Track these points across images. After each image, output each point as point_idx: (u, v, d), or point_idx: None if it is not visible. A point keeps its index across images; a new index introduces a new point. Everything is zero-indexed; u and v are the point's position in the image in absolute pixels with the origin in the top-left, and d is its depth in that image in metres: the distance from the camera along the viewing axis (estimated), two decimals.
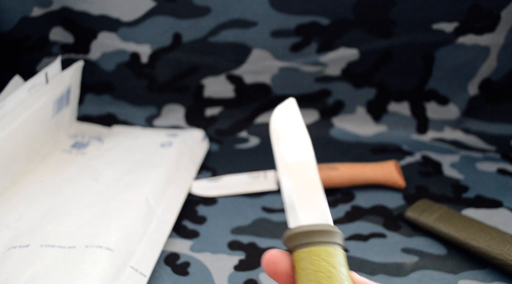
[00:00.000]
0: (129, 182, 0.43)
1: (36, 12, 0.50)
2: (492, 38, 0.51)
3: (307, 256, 0.25)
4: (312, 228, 0.25)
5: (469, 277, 0.35)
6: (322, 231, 0.25)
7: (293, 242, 0.26)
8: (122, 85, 0.57)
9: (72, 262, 0.33)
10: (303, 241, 0.25)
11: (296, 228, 0.26)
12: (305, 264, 0.24)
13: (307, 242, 0.25)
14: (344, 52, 0.54)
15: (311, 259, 0.24)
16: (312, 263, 0.24)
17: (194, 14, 0.52)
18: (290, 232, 0.26)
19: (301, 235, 0.25)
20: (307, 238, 0.25)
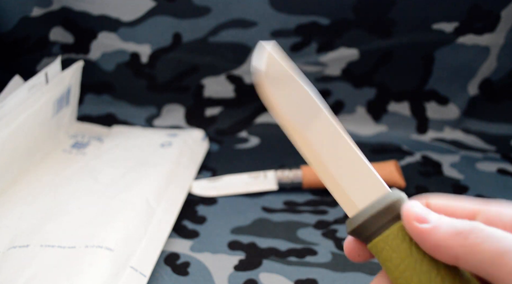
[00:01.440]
0: (129, 181, 0.43)
1: (36, 12, 0.50)
2: (492, 38, 0.51)
3: (385, 245, 0.21)
4: (373, 210, 0.21)
5: None
6: (386, 207, 0.21)
7: (360, 235, 0.22)
8: (122, 85, 0.57)
9: (72, 262, 0.33)
10: (371, 230, 0.21)
11: (354, 217, 0.22)
12: (387, 254, 0.21)
13: (375, 230, 0.21)
14: (344, 52, 0.54)
15: (391, 246, 0.21)
16: (394, 250, 0.21)
17: (194, 14, 0.52)
18: (351, 225, 0.22)
19: (365, 224, 0.21)
20: (373, 225, 0.21)
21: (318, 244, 0.39)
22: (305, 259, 0.38)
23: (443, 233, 0.20)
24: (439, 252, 0.20)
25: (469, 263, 0.19)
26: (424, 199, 0.23)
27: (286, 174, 0.47)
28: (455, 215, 0.21)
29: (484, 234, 0.19)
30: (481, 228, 0.19)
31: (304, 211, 0.44)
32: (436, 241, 0.20)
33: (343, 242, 0.39)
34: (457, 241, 0.19)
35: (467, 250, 0.19)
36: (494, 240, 0.18)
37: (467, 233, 0.19)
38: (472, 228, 0.19)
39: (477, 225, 0.19)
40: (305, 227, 0.42)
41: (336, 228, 0.41)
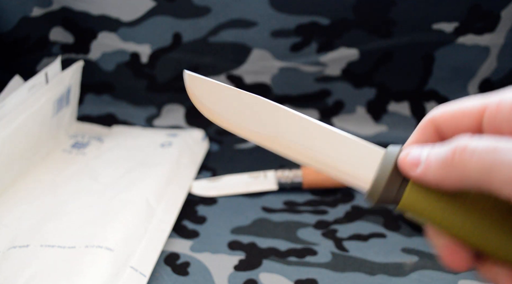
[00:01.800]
0: (129, 181, 0.43)
1: (36, 12, 0.50)
2: (492, 38, 0.51)
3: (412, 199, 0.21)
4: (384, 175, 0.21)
5: (469, 277, 0.35)
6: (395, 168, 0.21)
7: (385, 202, 0.22)
8: (122, 85, 0.57)
9: (72, 262, 0.33)
10: (392, 194, 0.21)
11: (371, 190, 0.22)
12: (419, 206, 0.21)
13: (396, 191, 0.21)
14: (344, 52, 0.54)
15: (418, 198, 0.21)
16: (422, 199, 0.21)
17: (194, 14, 0.52)
18: (372, 198, 0.22)
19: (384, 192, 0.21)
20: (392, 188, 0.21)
21: (318, 244, 0.39)
22: (305, 259, 0.38)
23: (433, 171, 0.20)
24: (444, 187, 0.20)
25: (470, 185, 0.19)
26: (430, 123, 0.22)
27: (286, 174, 0.47)
28: (463, 123, 0.21)
29: (466, 155, 0.19)
30: (462, 147, 0.19)
31: (304, 211, 0.44)
32: (433, 181, 0.20)
33: (343, 242, 0.40)
34: (447, 172, 0.19)
35: (459, 176, 0.19)
36: (476, 159, 0.18)
37: (450, 160, 0.19)
38: (453, 151, 0.19)
39: (457, 145, 0.19)
40: (305, 227, 0.42)
41: (336, 228, 0.41)
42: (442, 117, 0.22)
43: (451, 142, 0.20)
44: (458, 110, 0.22)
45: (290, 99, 0.57)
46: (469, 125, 0.21)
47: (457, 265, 0.22)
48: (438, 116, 0.22)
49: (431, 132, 0.23)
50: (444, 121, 0.22)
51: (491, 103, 0.21)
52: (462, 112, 0.22)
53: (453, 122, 0.22)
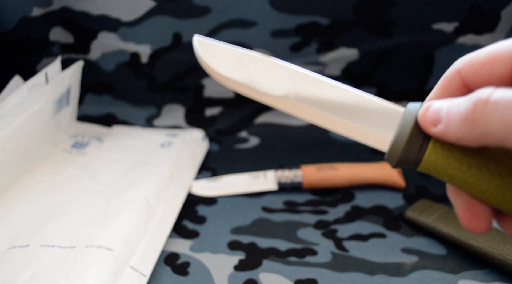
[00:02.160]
0: (129, 181, 0.43)
1: (36, 12, 0.50)
2: (492, 38, 0.51)
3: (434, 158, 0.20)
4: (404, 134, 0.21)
5: (469, 277, 0.35)
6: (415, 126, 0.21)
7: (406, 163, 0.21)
8: (122, 85, 0.57)
9: (72, 262, 0.33)
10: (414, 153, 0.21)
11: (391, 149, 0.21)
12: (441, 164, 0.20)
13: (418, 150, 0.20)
14: (344, 52, 0.54)
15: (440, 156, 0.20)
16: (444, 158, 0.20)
17: (194, 14, 0.52)
18: (393, 158, 0.21)
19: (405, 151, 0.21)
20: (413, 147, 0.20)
21: (318, 244, 0.39)
22: (305, 259, 0.38)
23: (454, 127, 0.19)
24: (467, 144, 0.19)
25: (494, 142, 0.18)
26: (456, 75, 0.21)
27: (286, 174, 0.47)
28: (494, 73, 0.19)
29: (488, 110, 0.17)
30: (483, 101, 0.17)
31: (304, 211, 0.44)
32: (455, 138, 0.19)
33: (343, 242, 0.40)
34: (469, 129, 0.18)
35: (482, 133, 0.18)
36: (499, 115, 0.17)
37: (471, 116, 0.18)
38: (474, 106, 0.17)
39: (479, 99, 0.17)
40: (305, 227, 0.42)
41: (336, 228, 0.41)
42: (469, 67, 0.20)
43: (473, 95, 0.18)
44: (488, 58, 0.20)
45: None
46: (502, 75, 0.19)
47: (477, 227, 0.21)
48: (465, 66, 0.20)
49: (457, 86, 0.21)
50: (473, 72, 0.20)
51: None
52: (493, 59, 0.19)
53: (483, 73, 0.20)
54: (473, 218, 0.21)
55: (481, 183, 0.20)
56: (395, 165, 0.21)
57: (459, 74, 0.20)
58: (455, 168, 0.20)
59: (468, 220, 0.21)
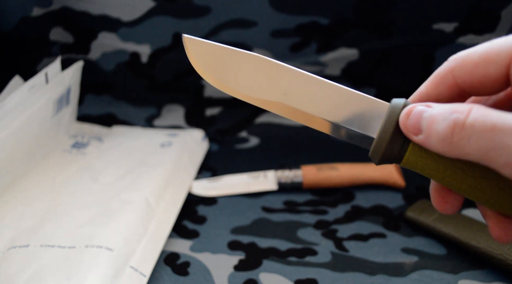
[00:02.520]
0: (129, 182, 0.43)
1: (36, 12, 0.50)
2: (492, 38, 0.51)
3: (415, 156, 0.21)
4: (387, 133, 0.21)
5: (469, 277, 0.35)
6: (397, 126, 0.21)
7: (389, 159, 0.22)
8: (122, 85, 0.57)
9: (72, 262, 0.33)
10: (396, 150, 0.21)
11: (374, 147, 0.22)
12: (421, 163, 0.21)
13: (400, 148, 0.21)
14: (344, 52, 0.54)
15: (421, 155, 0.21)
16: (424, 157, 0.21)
17: (194, 14, 0.52)
18: (376, 156, 0.22)
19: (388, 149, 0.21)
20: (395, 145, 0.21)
21: (318, 244, 0.39)
22: (305, 259, 0.38)
23: (433, 143, 0.19)
24: (445, 154, 0.19)
25: (471, 160, 0.18)
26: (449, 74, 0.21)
27: (286, 173, 0.47)
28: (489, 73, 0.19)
29: (465, 134, 0.18)
30: (460, 124, 0.18)
31: (304, 211, 0.44)
32: (434, 149, 0.20)
33: (343, 242, 0.40)
34: (447, 148, 0.19)
35: (459, 153, 0.18)
36: (475, 139, 0.17)
37: (450, 138, 0.18)
38: (452, 129, 0.18)
39: (456, 121, 0.18)
40: (305, 227, 0.42)
41: (336, 228, 0.41)
42: (463, 68, 0.20)
43: (450, 114, 0.18)
44: (481, 58, 0.19)
45: None
46: (496, 76, 0.19)
47: (446, 210, 0.23)
48: (458, 66, 0.20)
49: (448, 84, 0.21)
50: (466, 73, 0.20)
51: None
52: (486, 60, 0.19)
53: (476, 74, 0.20)
54: (444, 204, 0.22)
55: (455, 182, 0.21)
56: (378, 163, 0.22)
57: (452, 74, 0.21)
58: (432, 169, 0.21)
59: (440, 205, 0.23)
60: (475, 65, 0.20)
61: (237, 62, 0.24)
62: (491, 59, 0.19)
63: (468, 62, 0.20)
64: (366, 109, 0.23)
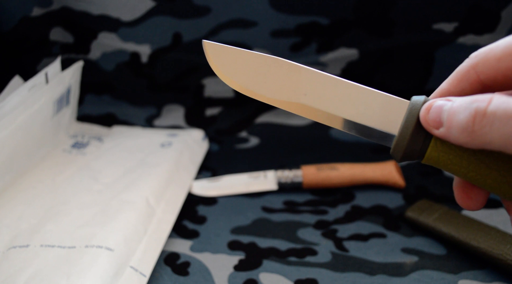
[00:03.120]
0: (129, 182, 0.43)
1: (36, 12, 0.50)
2: (492, 38, 0.51)
3: (437, 152, 0.21)
4: (408, 130, 0.21)
5: (469, 277, 0.35)
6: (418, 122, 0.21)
7: (411, 156, 0.22)
8: (122, 85, 0.57)
9: (72, 262, 0.33)
10: (418, 147, 0.21)
11: (396, 144, 0.22)
12: (444, 158, 0.21)
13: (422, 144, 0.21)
14: (344, 52, 0.54)
15: (443, 150, 0.21)
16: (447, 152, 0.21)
17: (194, 14, 0.52)
18: (398, 153, 0.22)
19: (409, 146, 0.21)
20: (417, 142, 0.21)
21: (318, 244, 0.39)
22: (305, 259, 0.38)
23: (454, 135, 0.19)
24: (467, 147, 0.19)
25: (494, 149, 0.18)
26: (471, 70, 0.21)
27: (286, 174, 0.47)
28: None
29: (486, 122, 0.18)
30: (481, 113, 0.18)
31: (304, 211, 0.44)
32: (456, 142, 0.20)
33: (343, 242, 0.40)
34: (468, 138, 0.19)
35: (481, 142, 0.18)
36: (497, 127, 0.17)
37: (471, 127, 0.18)
38: (473, 118, 0.18)
39: (477, 110, 0.18)
40: (305, 227, 0.42)
41: (336, 228, 0.41)
42: (486, 63, 0.20)
43: (471, 103, 0.18)
44: (504, 52, 0.20)
45: None
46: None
47: (470, 205, 0.22)
48: (481, 61, 0.20)
49: (471, 81, 0.21)
50: (489, 68, 0.20)
51: None
52: (510, 53, 0.19)
53: (499, 68, 0.20)
54: (468, 200, 0.22)
55: (480, 177, 0.21)
56: (400, 160, 0.22)
57: (475, 70, 0.21)
58: (455, 164, 0.21)
59: (462, 199, 0.22)
60: (498, 60, 0.20)
61: (257, 65, 0.24)
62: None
63: (491, 57, 0.20)
64: (386, 107, 0.23)
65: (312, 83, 0.24)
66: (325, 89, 0.24)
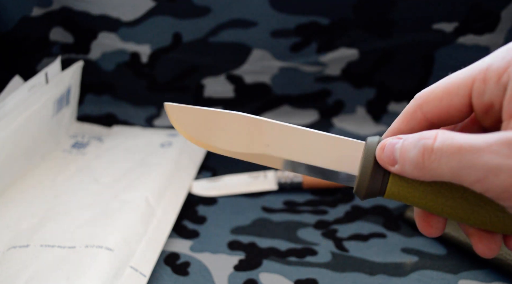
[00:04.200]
0: (129, 182, 0.43)
1: (36, 12, 0.50)
2: (492, 38, 0.51)
3: (397, 188, 0.23)
4: (367, 170, 0.23)
5: (469, 277, 0.35)
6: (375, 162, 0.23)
7: (372, 194, 0.23)
8: (122, 85, 0.57)
9: (72, 262, 0.33)
10: (378, 185, 0.23)
11: (358, 186, 0.23)
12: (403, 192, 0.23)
13: (381, 182, 0.23)
14: (344, 52, 0.54)
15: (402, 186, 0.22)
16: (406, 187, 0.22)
17: (194, 14, 0.52)
18: (360, 193, 0.23)
19: (370, 186, 0.23)
20: (376, 181, 0.23)
21: (318, 244, 0.39)
22: (305, 259, 0.38)
23: (408, 170, 0.21)
24: (422, 180, 0.21)
25: (446, 180, 0.20)
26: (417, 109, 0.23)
27: (286, 174, 0.47)
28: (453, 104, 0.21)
29: (434, 157, 0.19)
30: (429, 150, 0.19)
31: (304, 211, 0.44)
32: (411, 177, 0.21)
33: (343, 242, 0.40)
34: (421, 173, 0.20)
35: (433, 176, 0.20)
36: (445, 162, 0.19)
37: (421, 164, 0.20)
38: (422, 154, 0.20)
39: (425, 147, 0.20)
40: (305, 227, 0.42)
41: (336, 228, 0.41)
42: (430, 103, 0.22)
43: (419, 140, 0.20)
44: (445, 91, 0.22)
45: (290, 99, 0.57)
46: (460, 105, 0.21)
47: (432, 233, 0.24)
48: (425, 102, 0.22)
49: (418, 120, 0.23)
50: (433, 107, 0.22)
51: (479, 74, 0.21)
52: (449, 92, 0.21)
53: (442, 106, 0.22)
54: (428, 227, 0.24)
55: (437, 206, 0.22)
56: (363, 197, 0.24)
57: (421, 110, 0.23)
58: (414, 196, 0.23)
59: (424, 228, 0.24)
60: (439, 99, 0.22)
61: (219, 122, 0.26)
62: (454, 92, 0.21)
63: (433, 97, 0.22)
64: (345, 150, 0.24)
65: (274, 134, 0.25)
66: (287, 139, 0.25)
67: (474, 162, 0.18)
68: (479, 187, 0.19)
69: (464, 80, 0.21)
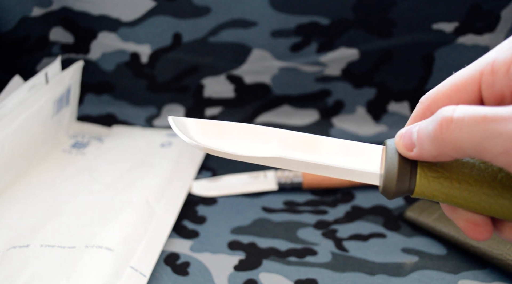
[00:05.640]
0: (129, 182, 0.43)
1: (36, 12, 0.50)
2: (492, 38, 0.51)
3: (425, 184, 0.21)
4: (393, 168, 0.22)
5: (469, 277, 0.35)
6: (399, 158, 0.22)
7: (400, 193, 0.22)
8: (122, 85, 0.57)
9: (72, 262, 0.33)
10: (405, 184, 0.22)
11: (384, 185, 0.22)
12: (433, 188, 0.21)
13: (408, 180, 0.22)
14: (344, 52, 0.54)
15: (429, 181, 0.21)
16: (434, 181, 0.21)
17: (194, 14, 0.52)
18: (388, 193, 0.22)
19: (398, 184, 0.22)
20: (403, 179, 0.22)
21: (318, 244, 0.39)
22: (305, 259, 0.38)
23: (427, 148, 0.20)
24: (444, 159, 0.20)
25: (467, 155, 0.19)
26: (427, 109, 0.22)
27: (286, 174, 0.47)
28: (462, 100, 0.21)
29: (454, 127, 0.18)
30: (448, 120, 0.19)
31: (304, 211, 0.44)
32: (431, 157, 0.20)
33: (343, 242, 0.40)
34: (440, 146, 0.19)
35: (453, 149, 0.19)
36: (467, 131, 0.18)
37: (440, 134, 0.19)
38: (439, 125, 0.19)
39: (443, 117, 0.19)
40: (305, 227, 0.42)
41: (336, 228, 0.41)
42: (438, 102, 0.22)
43: (436, 115, 0.19)
44: (452, 89, 0.21)
45: (290, 99, 0.57)
46: (469, 100, 0.21)
47: (480, 235, 0.22)
48: (432, 102, 0.22)
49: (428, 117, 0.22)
50: (442, 106, 0.21)
51: (486, 67, 0.20)
52: (457, 89, 0.21)
53: (451, 104, 0.21)
54: (475, 228, 0.22)
55: (472, 194, 0.21)
56: (392, 197, 0.23)
57: (430, 111, 0.22)
58: (446, 186, 0.21)
59: (471, 230, 0.22)
60: (448, 97, 0.21)
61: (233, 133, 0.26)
62: (462, 88, 0.21)
63: (441, 96, 0.22)
64: (364, 151, 0.24)
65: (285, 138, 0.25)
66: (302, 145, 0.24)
67: (500, 131, 0.17)
68: (503, 159, 0.17)
69: (471, 75, 0.21)
